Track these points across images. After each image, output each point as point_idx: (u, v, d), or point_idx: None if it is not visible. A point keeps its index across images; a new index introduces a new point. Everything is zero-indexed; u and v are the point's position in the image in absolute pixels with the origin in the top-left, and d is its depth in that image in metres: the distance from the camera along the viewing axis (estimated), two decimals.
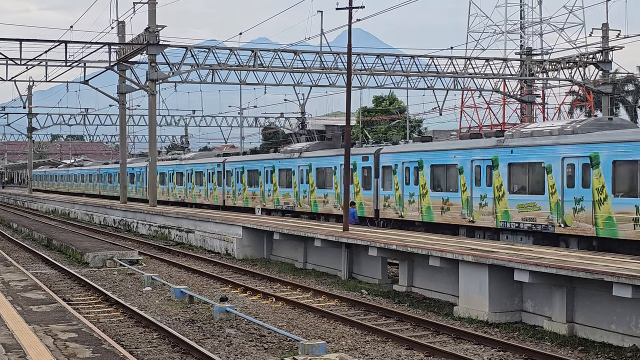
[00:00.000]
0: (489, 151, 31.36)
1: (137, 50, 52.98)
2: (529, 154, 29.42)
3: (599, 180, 26.15)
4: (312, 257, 34.13)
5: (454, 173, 33.24)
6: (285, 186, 46.93)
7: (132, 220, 54.64)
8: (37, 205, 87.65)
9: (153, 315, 22.67)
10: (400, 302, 25.51)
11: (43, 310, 17.96)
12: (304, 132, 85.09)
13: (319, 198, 43.20)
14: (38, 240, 46.72)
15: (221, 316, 21.96)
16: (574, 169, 27.29)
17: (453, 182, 33.35)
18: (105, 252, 35.86)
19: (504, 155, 30.47)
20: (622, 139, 25.88)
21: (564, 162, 27.71)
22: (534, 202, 28.88)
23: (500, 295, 22.37)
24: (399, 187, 36.65)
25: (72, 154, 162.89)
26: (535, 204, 28.81)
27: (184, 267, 34.43)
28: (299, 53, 56.20)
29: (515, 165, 30.12)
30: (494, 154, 30.95)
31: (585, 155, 26.80)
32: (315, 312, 23.34)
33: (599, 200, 26.10)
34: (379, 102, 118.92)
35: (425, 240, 27.52)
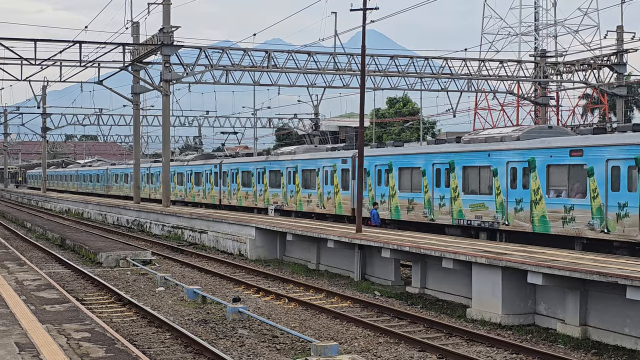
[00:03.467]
0: (447, 155, 33.89)
1: (151, 50, 53.11)
2: (480, 159, 32.02)
3: (535, 183, 28.95)
4: (325, 258, 34.14)
5: (418, 175, 35.76)
6: (275, 186, 49.41)
7: (145, 221, 54.75)
8: (50, 204, 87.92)
9: (166, 315, 22.71)
10: (413, 304, 25.49)
11: (56, 310, 18.01)
12: (317, 133, 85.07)
13: (303, 198, 45.70)
14: (52, 239, 46.85)
15: (234, 317, 21.98)
16: (516, 172, 30.00)
17: (417, 184, 35.81)
18: (118, 252, 35.94)
19: (459, 159, 33.07)
20: (553, 145, 28.69)
21: (508, 166, 30.38)
22: (482, 202, 31.56)
23: (514, 298, 22.33)
24: (372, 188, 39.00)
25: (85, 154, 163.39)
26: (484, 204, 31.47)
27: (197, 267, 34.47)
28: (312, 54, 56.22)
29: (468, 169, 32.67)
30: (452, 158, 33.50)
31: (524, 160, 29.58)
32: (328, 313, 23.34)
33: (535, 200, 28.91)
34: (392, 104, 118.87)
35: (438, 242, 27.49)
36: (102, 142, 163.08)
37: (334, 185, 42.28)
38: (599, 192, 26.25)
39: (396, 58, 57.86)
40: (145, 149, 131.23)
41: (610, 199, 25.90)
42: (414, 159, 36.41)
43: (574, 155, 27.49)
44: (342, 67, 56.65)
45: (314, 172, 44.52)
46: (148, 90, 59.91)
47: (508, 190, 30.21)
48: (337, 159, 42.58)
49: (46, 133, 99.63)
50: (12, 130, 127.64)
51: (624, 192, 25.39)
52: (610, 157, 26.08)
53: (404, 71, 58.20)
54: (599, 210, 26.21)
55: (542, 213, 28.60)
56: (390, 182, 37.62)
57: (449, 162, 33.58)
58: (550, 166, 28.47)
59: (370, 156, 39.09)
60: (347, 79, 58.34)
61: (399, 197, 36.94)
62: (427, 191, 34.82)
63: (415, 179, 35.98)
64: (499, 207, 30.63)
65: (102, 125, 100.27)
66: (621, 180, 25.56)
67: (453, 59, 60.47)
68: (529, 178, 29.30)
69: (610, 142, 26.57)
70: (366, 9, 32.67)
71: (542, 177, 28.67)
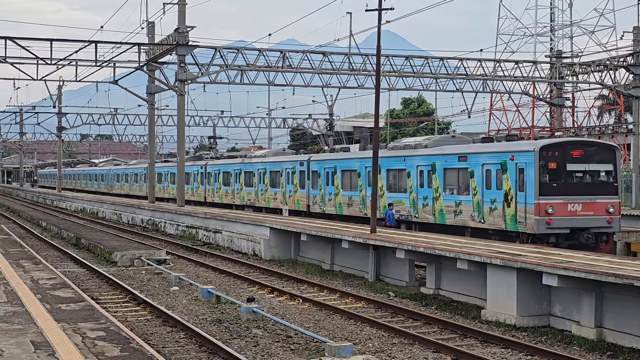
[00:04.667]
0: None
1: (166, 50, 53.22)
2: (398, 163, 38.00)
3: (436, 182, 34.94)
4: (340, 258, 34.14)
5: (355, 177, 41.38)
6: (248, 186, 55.18)
7: (160, 220, 54.87)
8: (65, 204, 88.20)
9: (180, 314, 22.75)
10: (428, 305, 25.46)
11: (72, 309, 18.07)
12: (331, 133, 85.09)
13: (271, 195, 51.43)
14: (67, 238, 47.00)
15: (248, 316, 22.00)
16: (423, 174, 35.97)
17: (355, 184, 41.42)
18: (133, 251, 36.02)
19: (384, 163, 38.35)
20: (447, 152, 34.60)
21: (417, 169, 36.36)
22: (401, 199, 37.51)
23: (528, 299, 22.28)
24: (322, 187, 44.80)
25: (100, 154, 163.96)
26: (402, 201, 37.44)
27: (211, 267, 34.52)
28: (327, 54, 56.19)
29: (391, 171, 38.58)
30: (379, 163, 35.70)
31: (428, 164, 35.58)
32: (342, 313, 23.33)
33: (435, 197, 34.96)
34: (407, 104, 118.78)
35: (452, 243, 27.44)
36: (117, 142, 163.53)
37: (294, 185, 47.97)
38: (478, 190, 32.19)
39: (411, 58, 57.76)
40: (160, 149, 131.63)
41: (485, 195, 31.86)
42: (352, 163, 42.11)
43: (461, 160, 33.48)
44: (357, 68, 56.61)
45: (279, 173, 50.24)
46: (163, 90, 60.04)
47: (418, 189, 36.21)
48: (297, 162, 48.09)
49: (61, 132, 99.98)
50: (27, 129, 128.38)
51: (494, 190, 31.42)
52: (485, 162, 31.97)
53: (419, 72, 58.10)
54: (478, 204, 32.15)
55: (440, 207, 34.57)
56: (335, 182, 43.30)
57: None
58: (445, 169, 34.47)
59: (321, 160, 45.61)
60: (361, 79, 58.31)
61: (341, 195, 42.66)
62: (362, 190, 40.52)
63: (353, 180, 41.57)
64: (412, 203, 36.64)
65: (117, 125, 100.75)
66: (492, 181, 31.58)
67: (468, 59, 60.35)
68: (431, 179, 35.26)
69: (484, 150, 32.66)
70: (381, 10, 32.64)
71: (440, 178, 34.67)
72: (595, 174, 30.96)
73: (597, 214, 30.07)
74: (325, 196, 44.16)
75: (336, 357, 16.23)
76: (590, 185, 30.52)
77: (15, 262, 27.58)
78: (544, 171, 29.83)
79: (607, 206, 30.15)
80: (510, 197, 30.49)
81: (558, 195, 29.61)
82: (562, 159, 30.25)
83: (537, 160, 29.66)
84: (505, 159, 30.93)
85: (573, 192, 30.01)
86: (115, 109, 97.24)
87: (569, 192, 29.90)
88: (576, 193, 30.03)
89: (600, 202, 30.16)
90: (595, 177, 30.94)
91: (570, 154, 30.46)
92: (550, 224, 29.15)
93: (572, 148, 30.81)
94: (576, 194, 30.02)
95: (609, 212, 30.14)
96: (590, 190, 30.32)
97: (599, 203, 30.15)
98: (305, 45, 77.43)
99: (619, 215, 30.72)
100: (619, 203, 30.94)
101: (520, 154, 30.35)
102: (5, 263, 26.61)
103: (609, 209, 30.13)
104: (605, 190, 30.55)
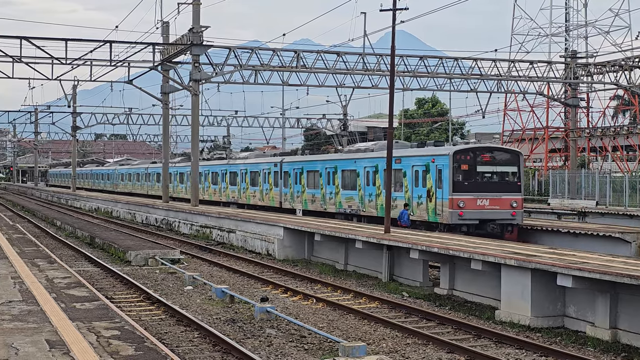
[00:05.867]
0: (333, 162, 45.46)
1: (180, 50, 53.31)
2: (350, 165, 43.52)
3: (378, 181, 40.24)
4: (353, 258, 34.14)
5: (318, 177, 46.88)
6: (232, 184, 61.04)
7: (174, 220, 54.98)
8: (80, 203, 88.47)
9: (194, 314, 22.79)
10: (442, 305, 25.43)
11: (86, 308, 18.12)
12: (345, 133, 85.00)
13: (251, 193, 57.14)
14: (81, 238, 47.15)
15: (262, 316, 22.02)
16: (369, 174, 41.27)
17: (317, 183, 46.97)
18: (147, 250, 36.09)
19: (340, 165, 44.50)
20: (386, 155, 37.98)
21: (365, 170, 41.72)
22: (352, 196, 42.98)
23: (543, 300, 22.22)
24: (291, 186, 50.29)
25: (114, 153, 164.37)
26: (352, 197, 42.85)
27: (225, 266, 34.57)
28: (341, 54, 56.22)
29: (345, 171, 44.00)
30: (336, 164, 44.93)
31: (373, 166, 40.82)
32: (356, 313, 23.33)
33: (378, 194, 40.13)
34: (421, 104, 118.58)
35: (466, 244, 27.41)
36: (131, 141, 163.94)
37: (269, 184, 53.72)
38: (409, 187, 37.63)
39: (425, 59, 57.75)
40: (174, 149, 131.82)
41: (414, 192, 37.26)
42: (315, 164, 47.64)
43: (397, 162, 37.83)
44: (371, 68, 56.61)
45: (258, 173, 55.86)
46: (177, 90, 60.15)
47: (365, 187, 41.49)
48: (272, 163, 53.84)
49: (76, 132, 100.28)
50: (42, 129, 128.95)
51: (420, 188, 36.79)
52: (414, 164, 37.49)
53: (433, 72, 58.07)
54: (409, 200, 37.39)
55: (381, 203, 38.88)
56: (302, 182, 48.84)
57: (334, 166, 45.01)
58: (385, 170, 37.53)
59: (291, 162, 51.05)
60: (376, 79, 58.33)
61: (307, 192, 48.25)
62: (322, 188, 46.14)
63: (316, 179, 47.06)
64: (360, 199, 41.99)
65: (132, 125, 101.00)
66: (419, 180, 36.95)
67: (483, 59, 60.26)
68: (375, 178, 40.53)
69: (414, 153, 38.35)
70: (396, 10, 32.64)
71: (381, 178, 39.38)
72: (501, 174, 36.23)
73: (503, 208, 35.47)
74: (294, 194, 49.94)
75: (350, 357, 16.23)
76: (497, 184, 35.88)
77: (31, 261, 27.68)
78: (457, 172, 35.14)
79: (511, 201, 35.61)
80: (432, 193, 35.94)
81: (469, 192, 35.00)
82: (473, 161, 35.66)
83: (452, 163, 35.10)
84: (428, 161, 36.50)
85: (482, 189, 35.39)
86: (129, 109, 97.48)
87: (478, 189, 35.28)
88: (484, 190, 35.43)
89: (505, 198, 35.60)
90: (501, 177, 36.21)
91: (480, 157, 35.95)
92: (461, 215, 34.61)
93: (481, 152, 36.22)
94: (484, 191, 35.41)
95: (513, 206, 35.57)
96: (497, 188, 35.70)
97: (504, 199, 35.59)
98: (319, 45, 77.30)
99: (522, 210, 36.34)
100: (522, 199, 36.48)
101: (439, 157, 35.58)
102: (20, 262, 26.71)
103: (512, 204, 35.57)
104: (510, 188, 35.93)
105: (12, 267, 25.08)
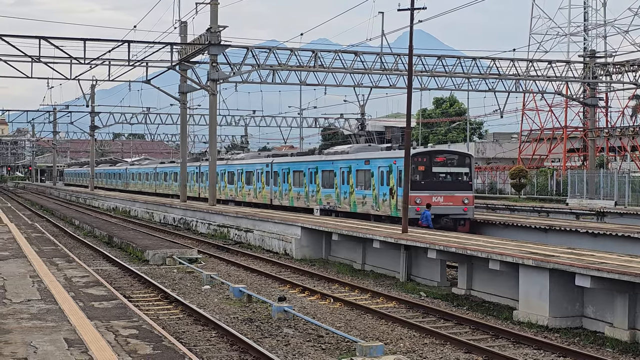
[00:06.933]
0: (315, 163, 49.22)
1: (198, 50, 53.43)
2: (329, 166, 47.25)
3: (351, 180, 44.20)
4: (371, 258, 34.14)
5: (302, 176, 50.56)
6: (230, 183, 64.99)
7: (191, 219, 55.10)
8: (98, 202, 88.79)
9: (212, 313, 22.84)
10: (459, 305, 25.40)
11: (104, 307, 18.19)
12: (363, 133, 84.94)
13: (246, 191, 61.07)
14: (99, 237, 47.31)
15: (279, 316, 22.05)
16: (344, 174, 45.13)
17: (302, 182, 50.61)
18: (165, 250, 36.18)
19: (320, 165, 48.30)
20: (359, 157, 44.11)
21: (340, 170, 45.52)
22: (330, 194, 46.66)
23: (561, 300, 22.15)
24: (280, 185, 54.21)
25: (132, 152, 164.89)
26: (330, 195, 46.63)
27: (242, 266, 34.62)
28: (359, 54, 56.22)
29: (324, 172, 47.70)
30: (317, 165, 48.77)
31: (347, 166, 44.79)
32: (373, 313, 23.33)
33: (351, 192, 44.25)
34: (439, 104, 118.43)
35: (484, 244, 27.36)
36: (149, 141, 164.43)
37: (262, 183, 57.58)
38: (376, 186, 41.47)
39: (443, 58, 57.67)
40: (192, 148, 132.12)
41: (380, 190, 41.12)
42: (300, 165, 51.32)
43: (366, 164, 42.75)
44: (389, 67, 56.60)
45: (252, 173, 59.74)
46: (195, 90, 60.32)
47: (341, 186, 45.37)
48: (264, 163, 57.45)
49: (94, 131, 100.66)
50: (61, 128, 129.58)
51: (385, 186, 40.64)
52: (380, 165, 41.38)
53: (451, 71, 58.00)
54: (376, 197, 41.41)
55: (354, 200, 43.83)
56: (288, 181, 52.57)
57: (315, 167, 48.70)
58: (357, 170, 43.68)
59: (280, 163, 54.70)
60: (393, 78, 58.29)
61: (293, 191, 51.92)
62: (306, 187, 49.78)
63: (301, 178, 50.76)
64: (337, 197, 45.80)
65: (150, 124, 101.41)
66: (384, 179, 40.76)
67: (501, 59, 60.14)
68: (349, 178, 44.40)
69: (380, 156, 42.32)
70: (414, 9, 32.60)
71: (354, 177, 43.93)
72: (454, 174, 40.14)
73: (455, 204, 39.33)
74: (283, 192, 53.83)
75: (367, 357, 16.24)
76: (450, 183, 39.87)
77: (49, 260, 27.78)
78: (415, 172, 38.86)
79: (463, 198, 39.43)
80: (394, 191, 39.70)
81: (425, 190, 39.02)
82: (429, 163, 39.69)
83: (410, 164, 37.35)
84: (391, 163, 40.31)
85: (437, 187, 39.36)
86: (147, 108, 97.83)
87: (433, 187, 39.25)
88: (439, 188, 39.39)
89: (457, 196, 39.47)
90: (454, 177, 40.13)
91: (435, 159, 40.00)
92: (418, 211, 37.85)
93: (436, 155, 40.44)
94: (439, 189, 39.37)
95: (464, 202, 39.42)
96: (450, 187, 39.67)
97: (456, 196, 39.45)
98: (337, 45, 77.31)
99: (473, 206, 40.20)
100: (473, 197, 40.25)
101: (400, 159, 37.77)
102: (39, 261, 26.83)
103: (464, 201, 39.41)
104: (462, 187, 39.88)
105: (31, 266, 25.19)
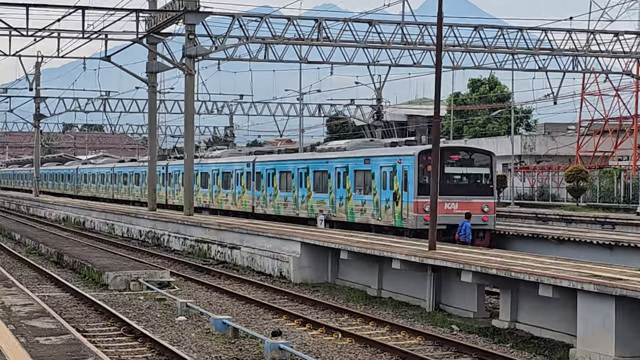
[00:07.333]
0: (304, 162, 50.29)
1: (171, 18, 53.43)
2: (322, 165, 48.18)
3: (348, 183, 44.86)
4: (389, 281, 34.17)
5: (289, 178, 51.63)
6: (204, 187, 66.38)
7: (162, 232, 55.18)
8: (44, 211, 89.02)
9: (188, 351, 22.87)
10: (501, 342, 25.42)
11: (52, 343, 18.22)
12: (379, 123, 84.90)
13: (223, 197, 62.37)
14: (46, 255, 47.37)
15: (273, 355, 22.06)
16: (339, 175, 45.76)
17: (289, 185, 51.66)
18: (129, 271, 36.20)
19: (312, 165, 49.18)
20: (357, 155, 45.01)
21: (336, 171, 46.20)
22: (323, 200, 47.39)
23: (630, 334, 22.15)
24: (264, 188, 54.98)
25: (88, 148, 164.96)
26: (324, 201, 47.21)
27: (227, 292, 34.68)
28: (374, 23, 56.29)
29: (317, 172, 48.39)
30: (307, 164, 49.62)
31: (344, 166, 45.54)
32: (393, 352, 23.34)
33: (348, 197, 44.74)
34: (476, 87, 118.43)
35: (533, 264, 27.37)
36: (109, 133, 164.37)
37: (241, 186, 58.64)
38: (377, 190, 41.90)
39: (481, 29, 57.71)
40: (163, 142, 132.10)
41: (382, 195, 41.57)
42: (287, 164, 52.61)
43: (366, 163, 43.31)
44: (412, 41, 56.62)
45: (230, 174, 60.83)
46: (167, 69, 60.40)
47: (336, 190, 45.79)
48: (244, 163, 58.77)
49: (40, 121, 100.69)
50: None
51: (388, 190, 40.95)
52: (382, 165, 41.83)
53: (491, 45, 58.02)
54: (377, 204, 41.91)
55: (351, 207, 44.30)
56: (274, 184, 53.80)
57: (306, 167, 49.69)
58: (356, 171, 44.15)
59: (263, 161, 56.00)
60: (418, 55, 58.39)
61: (279, 196, 52.98)
62: (295, 191, 50.79)
63: (288, 181, 51.87)
64: (331, 203, 46.44)
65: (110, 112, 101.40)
66: (387, 182, 41.22)
67: (554, 30, 60.18)
68: (345, 180, 45.03)
69: (382, 154, 42.90)
70: None
71: (352, 179, 44.44)
72: (471, 176, 40.53)
73: (473, 213, 38.39)
74: (267, 197, 54.91)
75: None
76: (467, 187, 40.16)
77: None
78: (423, 173, 38.81)
79: (482, 206, 39.55)
80: (398, 196, 40.14)
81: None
82: (441, 162, 36.59)
83: (417, 164, 39.13)
84: (395, 162, 40.58)
85: (450, 192, 38.69)
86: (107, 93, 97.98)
87: (446, 192, 37.47)
88: (453, 193, 39.10)
89: (475, 202, 39.50)
90: (471, 179, 40.54)
91: (448, 158, 39.96)
92: (427, 220, 34.96)
93: (450, 153, 40.58)
94: (453, 194, 39.08)
95: (484, 211, 39.53)
96: (466, 191, 39.82)
97: (474, 203, 39.43)
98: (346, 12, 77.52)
99: (494, 214, 40.47)
100: (494, 203, 40.56)
101: (405, 157, 39.40)
102: None
103: (484, 208, 39.50)
104: (481, 191, 40.15)
105: None
